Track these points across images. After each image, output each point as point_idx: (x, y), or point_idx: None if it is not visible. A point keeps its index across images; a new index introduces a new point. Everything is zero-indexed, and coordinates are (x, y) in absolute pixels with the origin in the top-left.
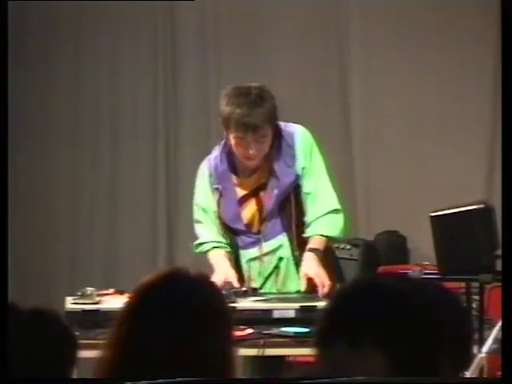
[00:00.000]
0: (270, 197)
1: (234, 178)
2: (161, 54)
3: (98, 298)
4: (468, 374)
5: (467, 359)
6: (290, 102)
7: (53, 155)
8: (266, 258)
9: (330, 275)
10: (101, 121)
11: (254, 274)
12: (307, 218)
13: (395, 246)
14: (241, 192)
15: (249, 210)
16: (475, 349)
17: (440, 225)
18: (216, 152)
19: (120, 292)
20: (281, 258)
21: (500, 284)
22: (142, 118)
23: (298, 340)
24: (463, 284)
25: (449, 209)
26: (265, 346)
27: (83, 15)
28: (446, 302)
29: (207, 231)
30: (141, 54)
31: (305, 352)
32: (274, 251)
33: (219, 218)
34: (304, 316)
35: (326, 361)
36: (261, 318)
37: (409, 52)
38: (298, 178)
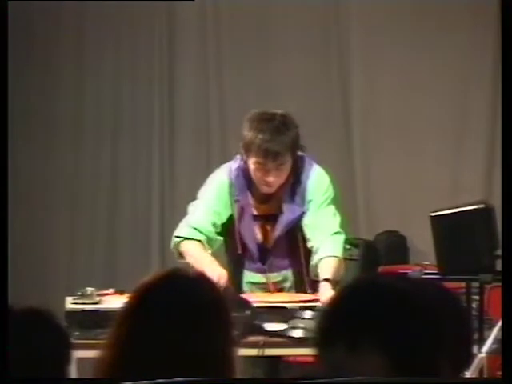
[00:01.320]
0: (277, 230)
1: (250, 197)
2: (161, 54)
3: (98, 298)
4: (468, 374)
5: (467, 359)
6: (289, 103)
7: (52, 156)
8: (268, 287)
9: None
10: (101, 122)
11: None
12: (312, 245)
13: (395, 246)
14: (254, 212)
15: (258, 234)
16: (475, 349)
17: (440, 225)
18: (236, 164)
19: (120, 292)
20: (281, 289)
21: (500, 284)
22: (142, 119)
23: (297, 340)
24: (463, 284)
25: (449, 209)
26: (265, 346)
27: (84, 15)
28: (446, 302)
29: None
30: (141, 54)
31: (305, 352)
32: (277, 283)
33: (237, 232)
34: None
35: (326, 361)
36: None
37: (409, 52)
38: (303, 214)
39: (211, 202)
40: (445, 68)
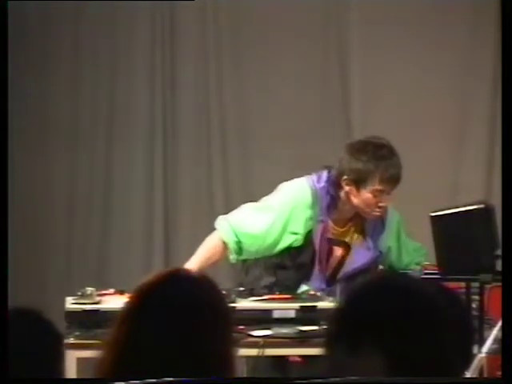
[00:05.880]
0: (351, 262)
1: (330, 220)
2: (160, 55)
3: (98, 298)
4: (468, 374)
5: (467, 359)
6: (290, 102)
7: (50, 156)
8: None
9: None
10: (99, 122)
11: None
12: None
13: None
14: (329, 234)
15: (331, 257)
16: (475, 349)
17: (440, 225)
18: (322, 183)
19: (120, 292)
20: None
21: (500, 284)
22: (141, 120)
23: (298, 340)
24: (463, 284)
25: (449, 209)
26: (265, 346)
27: (82, 15)
28: (447, 302)
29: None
30: (140, 55)
31: (305, 352)
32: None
33: (317, 252)
34: (304, 316)
35: (329, 361)
36: (261, 318)
37: (408, 51)
38: (380, 254)
39: (278, 223)
40: (445, 67)
